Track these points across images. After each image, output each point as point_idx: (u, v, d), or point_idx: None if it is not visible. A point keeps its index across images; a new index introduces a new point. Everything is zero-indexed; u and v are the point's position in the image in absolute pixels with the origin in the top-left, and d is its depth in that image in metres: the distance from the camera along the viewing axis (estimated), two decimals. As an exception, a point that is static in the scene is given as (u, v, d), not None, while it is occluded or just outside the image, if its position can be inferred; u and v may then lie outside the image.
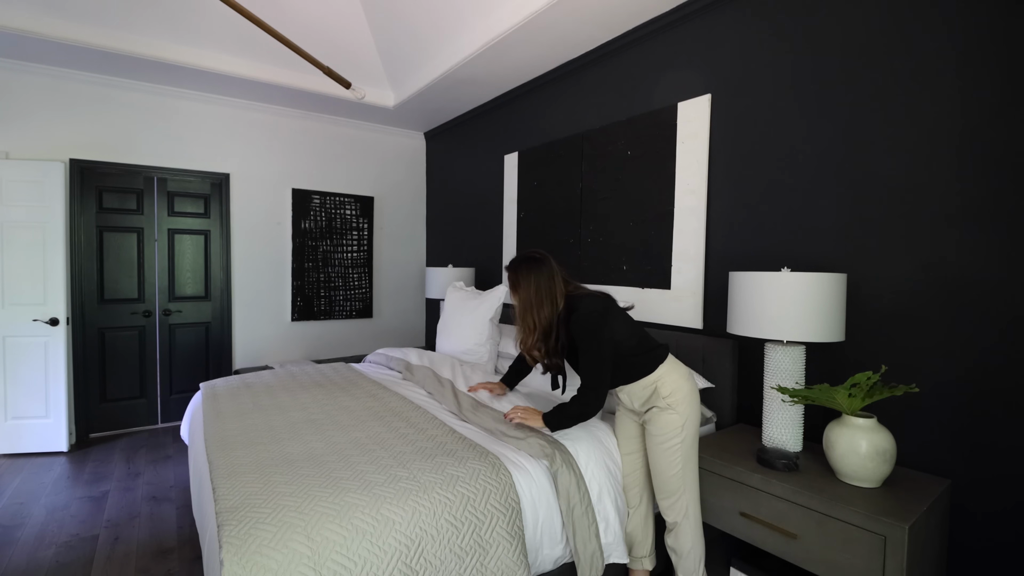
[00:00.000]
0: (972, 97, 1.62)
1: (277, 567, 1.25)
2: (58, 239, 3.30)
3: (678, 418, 1.72)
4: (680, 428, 1.72)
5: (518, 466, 1.74)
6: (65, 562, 2.16)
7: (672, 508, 1.76)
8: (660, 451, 1.75)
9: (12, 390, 3.28)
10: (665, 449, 1.73)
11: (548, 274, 1.78)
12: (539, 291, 1.76)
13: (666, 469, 1.74)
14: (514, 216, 3.68)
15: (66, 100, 3.48)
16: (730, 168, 2.31)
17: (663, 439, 1.73)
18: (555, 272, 1.79)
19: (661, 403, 1.74)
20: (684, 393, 1.74)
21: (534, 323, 1.77)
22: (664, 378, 1.75)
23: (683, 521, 1.75)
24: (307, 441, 1.86)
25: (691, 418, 1.74)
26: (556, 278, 1.78)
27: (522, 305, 1.79)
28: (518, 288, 1.80)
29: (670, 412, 1.72)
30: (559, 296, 1.76)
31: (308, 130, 4.39)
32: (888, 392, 1.53)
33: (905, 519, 1.37)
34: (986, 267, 1.59)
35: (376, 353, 3.37)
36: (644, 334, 1.82)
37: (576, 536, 1.69)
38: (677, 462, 1.73)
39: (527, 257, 1.84)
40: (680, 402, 1.73)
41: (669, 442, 1.73)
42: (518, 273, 1.82)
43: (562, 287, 1.78)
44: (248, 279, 4.18)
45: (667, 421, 1.73)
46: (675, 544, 1.77)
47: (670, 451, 1.73)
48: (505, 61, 3.13)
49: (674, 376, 1.75)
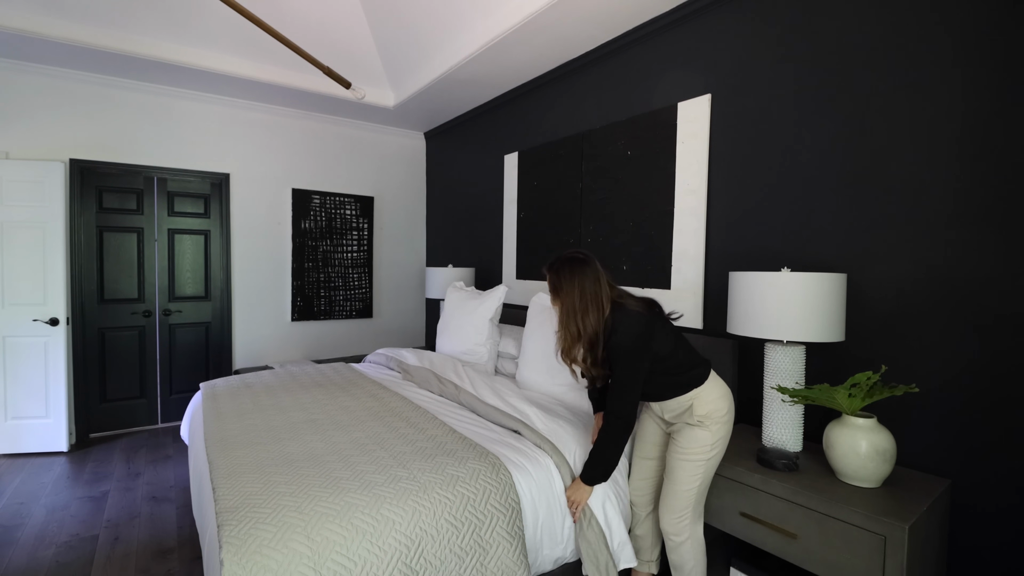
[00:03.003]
0: (972, 97, 1.62)
1: (277, 567, 1.25)
2: (58, 239, 3.30)
3: (709, 436, 1.65)
4: (709, 447, 1.65)
5: (518, 466, 1.75)
6: (65, 562, 2.16)
7: (677, 526, 1.71)
8: (682, 463, 1.68)
9: (12, 390, 3.28)
10: (689, 463, 1.66)
11: (593, 277, 1.63)
12: (584, 296, 1.61)
13: (682, 482, 1.68)
14: (514, 216, 3.68)
15: (66, 100, 3.48)
16: (730, 168, 2.31)
17: (689, 454, 1.66)
18: (600, 274, 1.65)
19: (693, 420, 1.67)
20: (721, 414, 1.66)
21: (578, 331, 1.62)
22: (701, 396, 1.66)
23: (687, 540, 1.71)
24: (307, 441, 1.86)
25: (722, 438, 1.67)
26: (602, 281, 1.64)
27: (565, 311, 1.64)
28: (560, 291, 1.66)
29: (702, 428, 1.65)
30: (605, 301, 1.62)
31: (308, 130, 4.39)
32: (888, 392, 1.53)
33: (905, 519, 1.37)
34: (986, 267, 1.59)
35: (376, 353, 3.37)
36: (688, 350, 1.71)
37: (588, 551, 1.70)
38: (696, 478, 1.67)
39: (570, 258, 1.69)
40: (716, 422, 1.65)
41: (695, 458, 1.66)
42: (560, 275, 1.67)
43: (608, 291, 1.64)
44: (248, 279, 4.18)
45: (696, 437, 1.66)
46: (678, 561, 1.73)
47: (694, 466, 1.66)
48: (505, 61, 3.13)
49: (713, 396, 1.66)
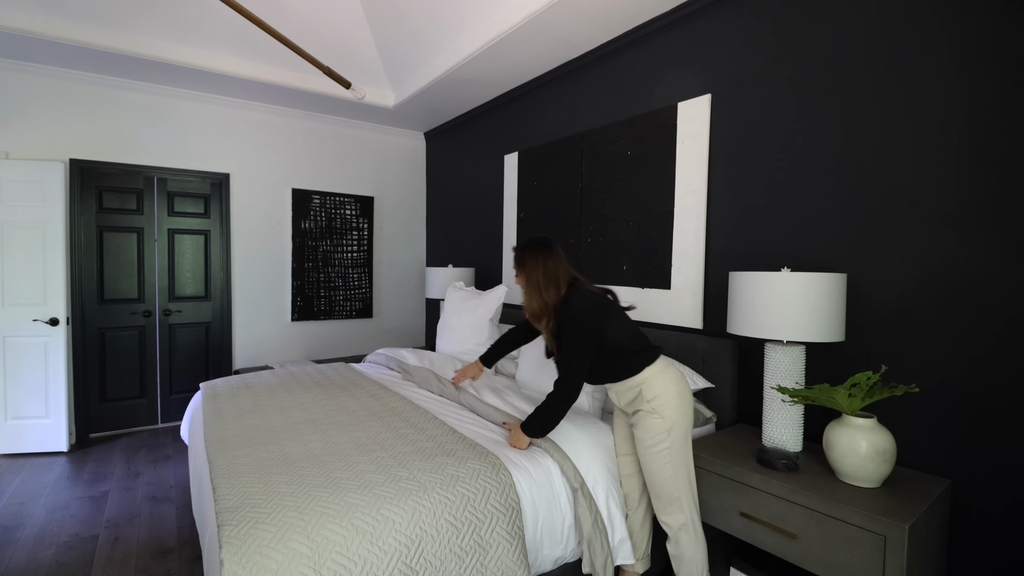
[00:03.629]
0: (972, 97, 1.62)
1: (277, 567, 1.25)
2: (58, 239, 3.30)
3: (662, 423, 1.69)
4: (665, 433, 1.69)
5: (518, 466, 1.75)
6: (65, 562, 2.16)
7: (671, 516, 1.72)
8: (647, 455, 1.72)
9: (12, 390, 3.28)
10: (652, 454, 1.71)
11: (555, 258, 1.80)
12: (546, 272, 1.78)
13: (655, 473, 1.72)
14: (514, 216, 3.68)
15: (66, 100, 3.48)
16: (730, 168, 2.31)
17: (649, 443, 1.71)
18: (561, 257, 1.82)
19: (645, 406, 1.71)
20: (670, 397, 1.70)
21: (543, 301, 1.79)
22: (650, 381, 1.72)
23: (682, 530, 1.71)
24: (307, 441, 1.86)
25: (678, 423, 1.70)
26: (561, 263, 1.81)
27: (529, 284, 1.81)
28: (524, 266, 1.82)
29: (654, 416, 1.69)
30: (563, 280, 1.79)
31: (308, 130, 4.39)
32: (888, 392, 1.53)
33: (905, 519, 1.37)
34: (986, 267, 1.59)
35: (376, 353, 3.37)
36: (638, 335, 1.80)
37: (591, 549, 1.70)
38: (666, 467, 1.70)
39: (537, 239, 1.87)
40: (665, 406, 1.69)
41: (656, 447, 1.70)
42: (525, 253, 1.84)
43: (567, 273, 1.80)
44: (248, 279, 4.18)
45: (651, 426, 1.70)
46: (677, 552, 1.73)
47: (658, 456, 1.70)
48: (505, 61, 3.13)
49: (661, 379, 1.72)
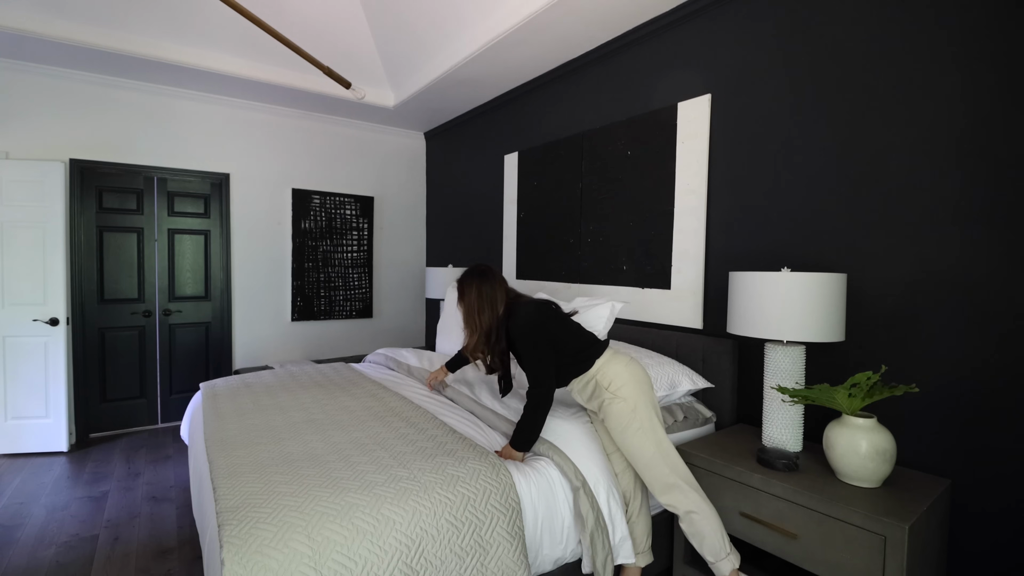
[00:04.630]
0: (972, 97, 1.62)
1: (278, 567, 1.25)
2: (58, 239, 3.30)
3: (625, 404, 1.76)
4: (631, 412, 1.76)
5: (518, 466, 1.75)
6: (65, 562, 2.16)
7: (669, 495, 1.73)
8: (624, 440, 1.78)
9: (12, 390, 3.28)
10: (628, 436, 1.76)
11: (491, 283, 1.91)
12: (481, 297, 1.89)
13: (638, 455, 1.76)
14: (514, 216, 3.68)
15: (66, 100, 3.48)
16: (730, 168, 2.31)
17: (621, 427, 1.77)
18: (497, 282, 1.92)
19: (606, 394, 1.80)
20: (624, 379, 1.79)
21: (476, 325, 1.89)
22: (603, 370, 1.82)
23: (687, 503, 1.71)
24: (307, 441, 1.86)
25: (641, 402, 1.77)
26: (498, 287, 1.91)
27: (466, 310, 1.92)
28: (463, 295, 1.94)
29: (617, 401, 1.77)
30: (499, 302, 1.89)
31: (308, 130, 4.39)
32: (888, 392, 1.53)
33: (905, 519, 1.37)
34: (986, 267, 1.59)
35: (376, 353, 3.37)
36: (583, 334, 1.90)
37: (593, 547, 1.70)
38: (647, 445, 1.75)
39: (473, 269, 1.98)
40: (622, 387, 1.78)
41: (628, 428, 1.76)
42: (463, 284, 1.95)
43: (503, 295, 1.91)
44: (248, 279, 4.18)
45: (616, 410, 1.77)
46: (691, 529, 1.71)
47: (634, 436, 1.76)
48: (505, 61, 3.13)
49: (612, 365, 1.82)
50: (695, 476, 1.81)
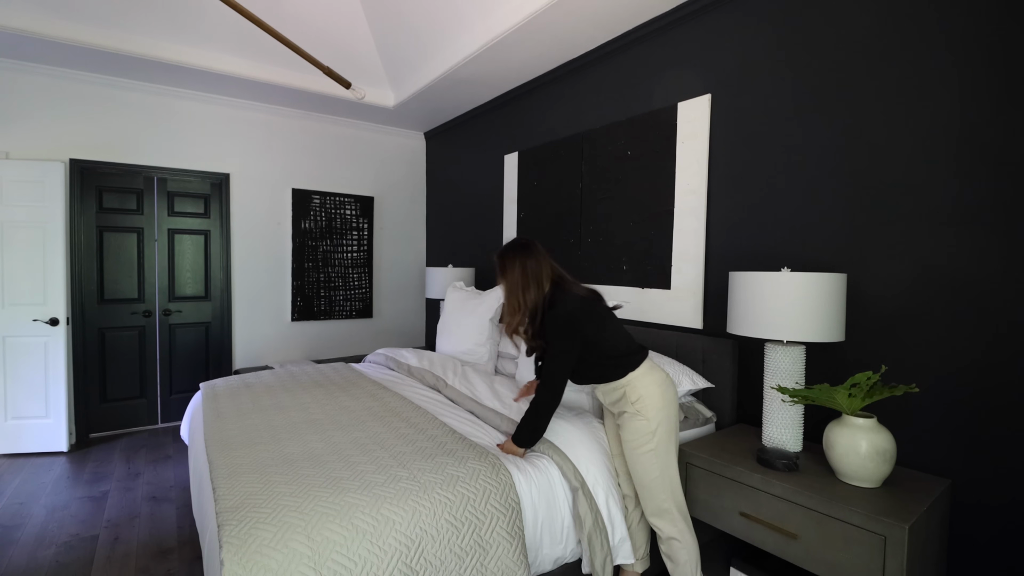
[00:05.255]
0: (971, 97, 1.62)
1: (277, 567, 1.25)
2: (58, 239, 3.30)
3: (647, 424, 1.69)
4: (650, 435, 1.69)
5: (518, 466, 1.75)
6: (65, 562, 2.16)
7: (660, 518, 1.73)
8: (633, 457, 1.73)
9: (12, 390, 3.28)
10: (639, 455, 1.71)
11: (536, 258, 1.78)
12: (526, 274, 1.76)
13: (642, 475, 1.72)
14: (514, 216, 3.68)
15: (66, 100, 3.48)
16: (730, 168, 2.31)
17: (634, 445, 1.72)
18: (542, 256, 1.80)
19: (630, 408, 1.72)
20: (653, 400, 1.70)
21: (519, 303, 1.76)
22: (633, 383, 1.73)
23: (672, 530, 1.72)
24: (307, 441, 1.86)
25: (663, 425, 1.71)
26: (543, 262, 1.79)
27: (508, 286, 1.79)
28: (505, 271, 1.81)
29: (639, 418, 1.70)
30: (545, 279, 1.77)
31: (308, 130, 4.39)
32: (888, 392, 1.53)
33: (905, 519, 1.37)
34: (985, 267, 1.59)
35: (376, 353, 3.37)
36: (624, 337, 1.80)
37: (591, 547, 1.70)
38: (653, 468, 1.70)
39: (513, 243, 1.86)
40: (648, 408, 1.70)
41: (640, 448, 1.70)
42: (504, 257, 1.83)
43: (549, 271, 1.78)
44: (248, 279, 4.18)
45: (636, 427, 1.71)
46: (670, 552, 1.74)
47: (643, 457, 1.71)
48: (505, 61, 3.13)
49: (645, 382, 1.72)
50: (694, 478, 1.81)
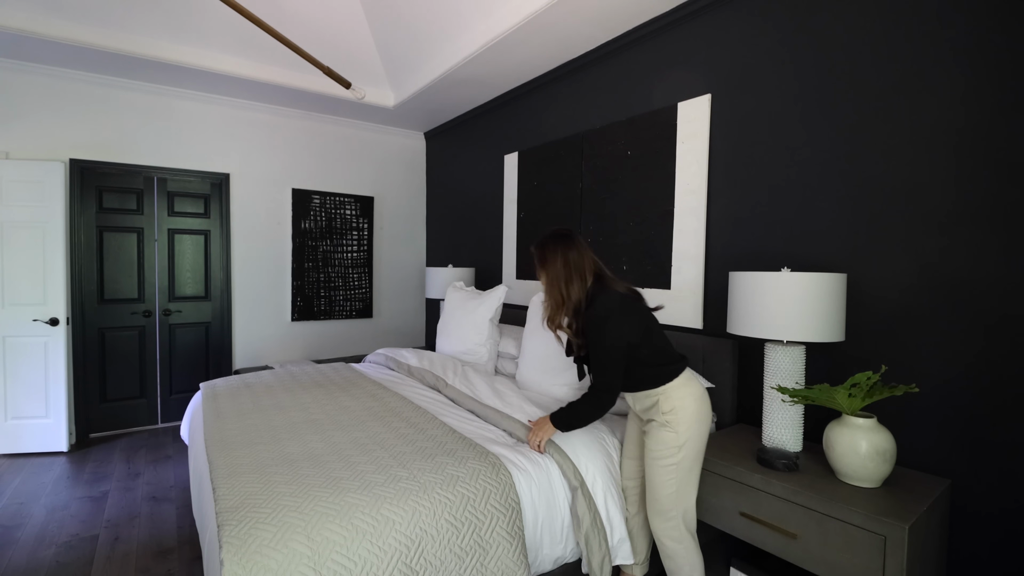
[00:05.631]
0: (972, 98, 1.62)
1: (277, 567, 1.25)
2: (58, 239, 3.30)
3: (675, 437, 1.64)
4: (676, 448, 1.64)
5: (518, 466, 1.75)
6: (65, 562, 2.16)
7: (666, 531, 1.69)
8: (654, 467, 1.68)
9: (12, 390, 3.28)
10: (659, 466, 1.67)
11: (578, 250, 1.71)
12: (568, 266, 1.69)
13: (659, 487, 1.68)
14: (514, 216, 3.68)
15: (66, 100, 3.48)
16: (730, 168, 2.31)
17: (657, 455, 1.67)
18: (583, 247, 1.73)
19: (660, 418, 1.67)
20: (687, 414, 1.64)
21: (562, 297, 1.69)
22: (668, 394, 1.66)
23: (678, 545, 1.69)
24: (307, 441, 1.86)
25: (692, 440, 1.65)
26: (585, 254, 1.72)
27: (549, 279, 1.71)
28: (545, 263, 1.73)
29: (667, 430, 1.65)
30: (588, 272, 1.70)
31: (308, 130, 4.39)
32: (888, 392, 1.53)
33: (905, 519, 1.37)
34: (985, 267, 1.59)
35: (376, 353, 3.37)
36: (663, 345, 1.71)
37: (588, 547, 1.70)
38: (671, 483, 1.66)
39: (553, 233, 1.78)
40: (680, 422, 1.64)
41: (663, 460, 1.66)
42: (545, 248, 1.75)
43: (591, 264, 1.72)
44: (248, 279, 4.18)
45: (662, 438, 1.66)
46: (672, 566, 1.71)
47: (664, 470, 1.66)
48: (505, 61, 3.13)
49: (681, 394, 1.66)
50: None
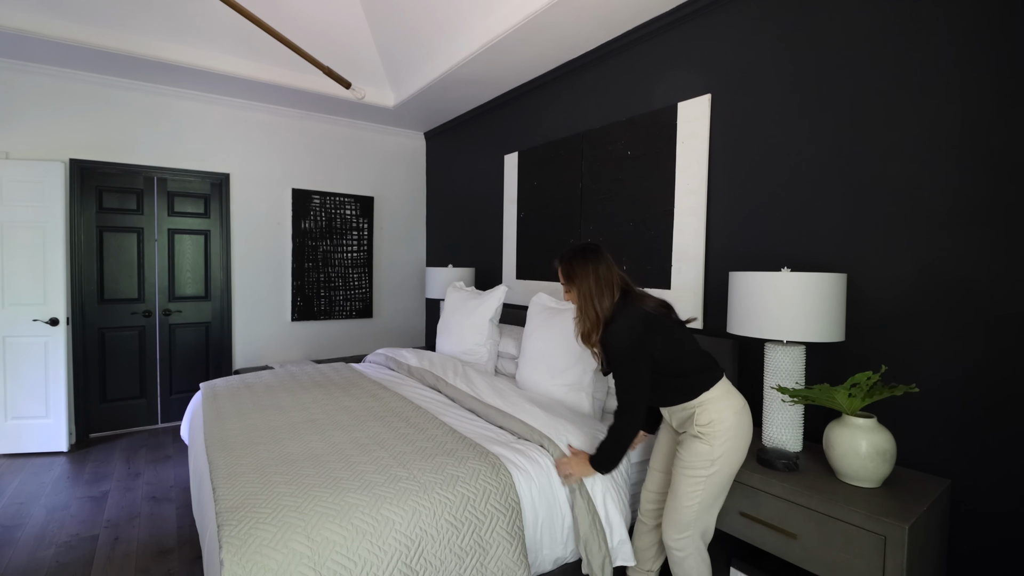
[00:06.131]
0: (972, 98, 1.62)
1: (277, 567, 1.25)
2: (58, 239, 3.30)
3: (709, 451, 1.57)
4: (709, 462, 1.58)
5: (518, 466, 1.75)
6: (65, 562, 2.16)
7: (680, 542, 1.64)
8: (682, 477, 1.62)
9: (12, 390, 3.28)
10: (687, 476, 1.60)
11: (606, 264, 1.71)
12: (599, 280, 1.68)
13: (683, 499, 1.61)
14: (514, 216, 3.68)
15: (66, 100, 3.48)
16: (730, 168, 2.31)
17: (687, 465, 1.61)
18: (611, 262, 1.73)
19: (693, 430, 1.61)
20: (725, 427, 1.58)
21: (597, 315, 1.67)
22: (705, 406, 1.60)
23: (690, 557, 1.64)
24: (307, 441, 1.86)
25: (728, 455, 1.58)
26: (613, 268, 1.72)
27: (582, 295, 1.69)
28: (575, 278, 1.71)
29: (702, 442, 1.59)
30: (616, 287, 1.69)
31: (308, 130, 4.39)
32: (888, 392, 1.53)
33: (905, 519, 1.37)
34: (985, 267, 1.59)
35: (376, 353, 3.37)
36: (696, 354, 1.67)
37: (588, 550, 1.70)
38: (696, 495, 1.60)
39: (581, 248, 1.76)
40: (717, 435, 1.57)
41: (693, 471, 1.59)
42: (573, 263, 1.73)
43: (618, 278, 1.71)
44: (248, 279, 4.18)
45: (697, 450, 1.59)
46: (680, 572, 1.68)
47: (691, 481, 1.60)
48: (505, 61, 3.13)
49: (720, 406, 1.60)
50: None
